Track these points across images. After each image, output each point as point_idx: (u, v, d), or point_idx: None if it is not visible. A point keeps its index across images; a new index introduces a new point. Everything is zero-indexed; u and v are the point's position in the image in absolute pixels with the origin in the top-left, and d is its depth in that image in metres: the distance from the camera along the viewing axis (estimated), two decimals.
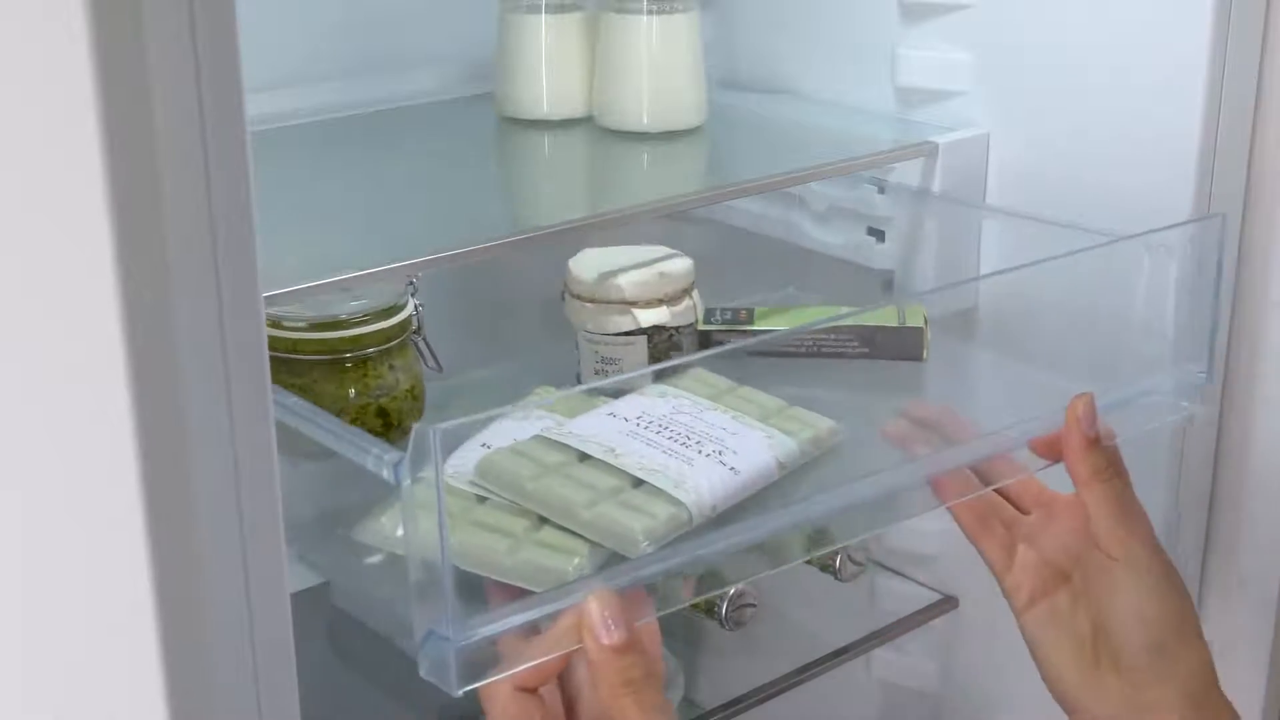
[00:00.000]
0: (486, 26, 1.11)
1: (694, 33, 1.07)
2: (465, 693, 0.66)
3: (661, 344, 0.92)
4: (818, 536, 0.79)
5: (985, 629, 1.13)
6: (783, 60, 1.17)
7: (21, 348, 0.56)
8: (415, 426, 0.62)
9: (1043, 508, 0.84)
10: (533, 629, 0.68)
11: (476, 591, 0.69)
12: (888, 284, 1.09)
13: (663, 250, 0.95)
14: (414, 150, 1.07)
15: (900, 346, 0.94)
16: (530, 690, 0.68)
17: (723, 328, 0.97)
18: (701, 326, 0.95)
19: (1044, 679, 0.81)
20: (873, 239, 1.08)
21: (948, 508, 0.83)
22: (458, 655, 0.64)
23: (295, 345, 0.85)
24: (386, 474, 0.64)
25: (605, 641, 0.65)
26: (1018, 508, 0.85)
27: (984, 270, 1.05)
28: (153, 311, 0.53)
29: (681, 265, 0.93)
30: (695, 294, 0.93)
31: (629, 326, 0.91)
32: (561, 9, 1.08)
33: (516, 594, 0.69)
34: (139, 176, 0.52)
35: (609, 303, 0.91)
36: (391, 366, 0.87)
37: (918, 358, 0.93)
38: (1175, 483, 0.99)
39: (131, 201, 0.52)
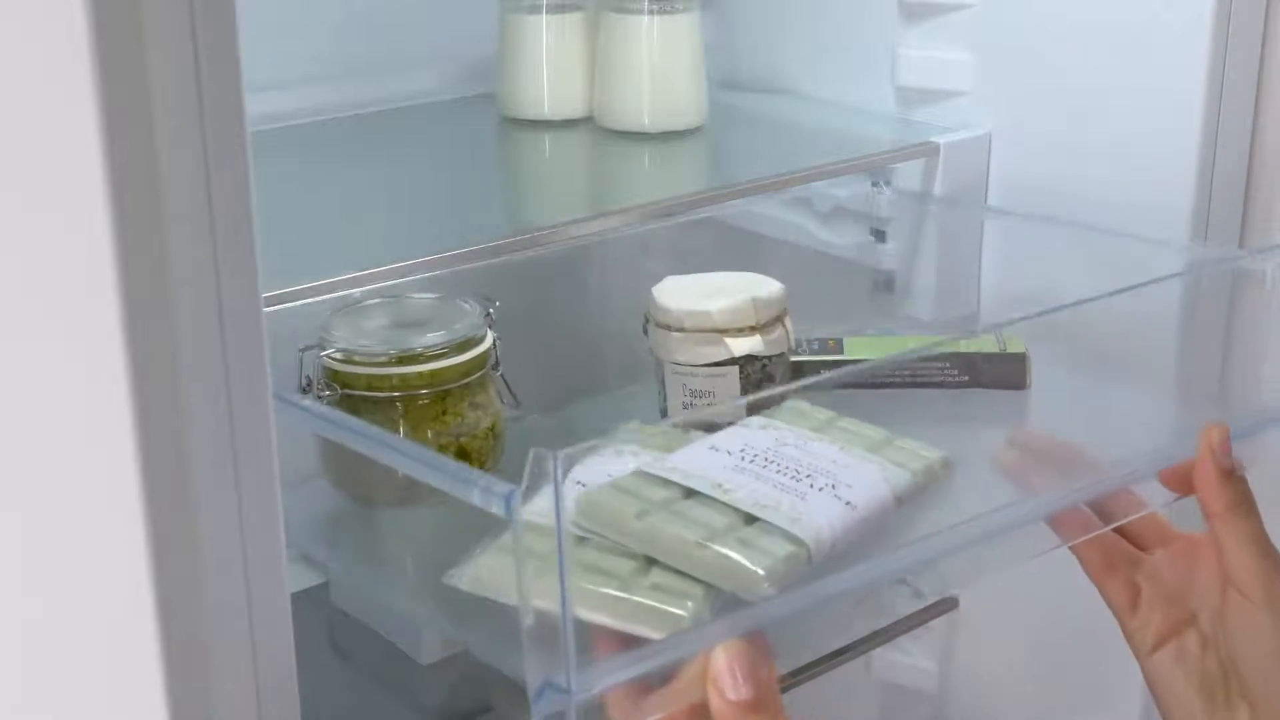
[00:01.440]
0: (486, 26, 1.11)
1: (694, 33, 1.07)
2: (469, 693, 0.64)
3: (754, 375, 0.86)
4: (933, 580, 0.76)
5: (985, 629, 1.13)
6: (783, 60, 1.17)
7: (21, 348, 0.56)
8: (533, 451, 0.57)
9: (1166, 546, 0.79)
10: (645, 686, 0.63)
11: (585, 640, 0.63)
12: (889, 285, 1.09)
13: (752, 276, 0.89)
14: (414, 150, 1.07)
15: (1003, 374, 0.89)
16: None
17: (813, 358, 0.92)
18: (792, 358, 0.90)
19: None
20: (874, 239, 1.08)
21: (1069, 547, 0.78)
22: (578, 709, 0.59)
23: (369, 382, 0.80)
24: (498, 508, 0.58)
25: (732, 697, 0.61)
26: (1139, 546, 0.80)
27: (986, 272, 1.05)
28: (153, 311, 0.53)
29: (774, 291, 0.86)
30: (788, 321, 0.87)
31: (721, 357, 0.85)
32: (562, 9, 1.08)
33: (625, 645, 0.64)
34: (139, 176, 0.52)
35: (699, 331, 0.85)
36: (472, 404, 0.82)
37: (1021, 386, 0.89)
38: None
39: (131, 201, 0.52)
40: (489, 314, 0.84)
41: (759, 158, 1.10)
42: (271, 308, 0.61)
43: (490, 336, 0.83)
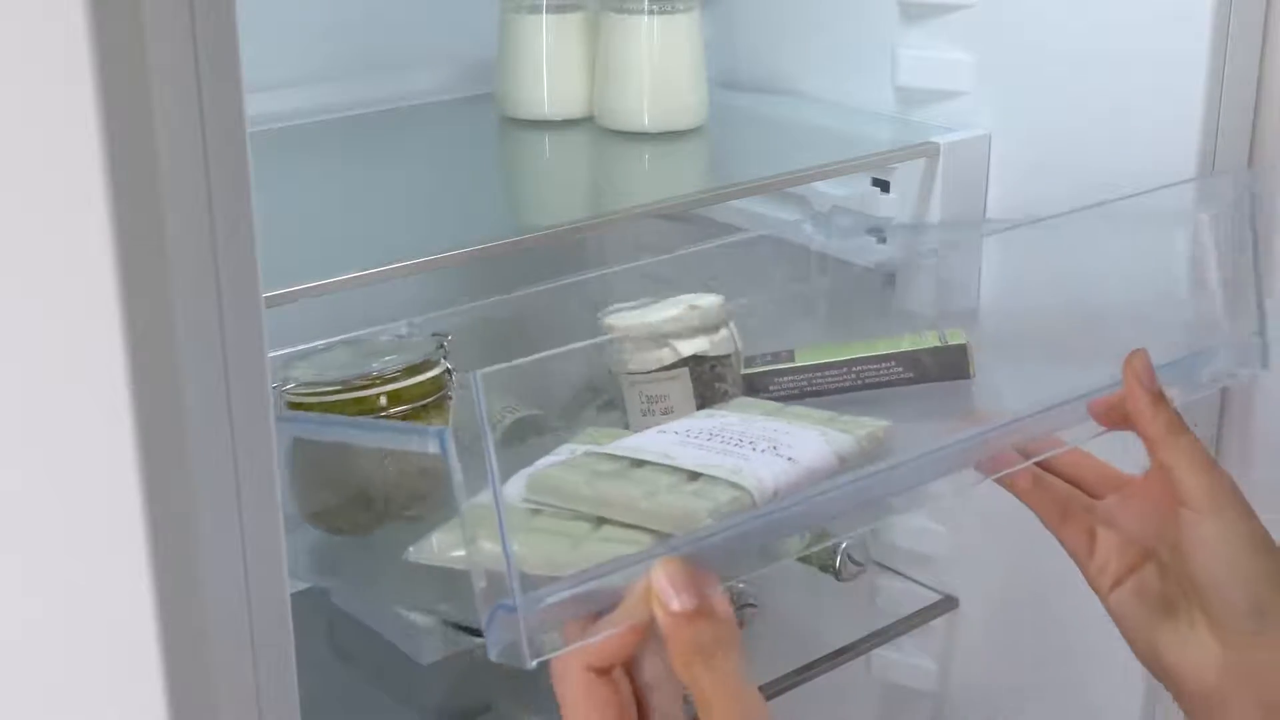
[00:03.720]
0: (486, 26, 1.11)
1: (694, 33, 1.07)
2: (469, 693, 0.64)
3: (704, 375, 0.91)
4: (879, 509, 0.76)
5: (985, 629, 1.13)
6: (783, 60, 1.17)
7: (21, 348, 0.56)
8: (455, 375, 0.62)
9: (1117, 490, 0.81)
10: (596, 616, 0.65)
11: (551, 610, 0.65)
12: (889, 284, 1.09)
13: (693, 295, 0.94)
14: (414, 150, 1.07)
15: (947, 366, 0.93)
16: (604, 672, 0.65)
17: (766, 369, 0.95)
18: (744, 371, 0.94)
19: (1139, 657, 0.78)
20: (873, 238, 1.08)
21: (1025, 502, 0.81)
22: (527, 625, 0.62)
23: (338, 409, 0.84)
24: (433, 447, 0.62)
25: (675, 608, 0.63)
26: (1092, 495, 0.82)
27: (986, 279, 1.05)
28: (153, 311, 0.53)
29: (712, 298, 0.92)
30: (733, 326, 0.92)
31: (670, 359, 0.90)
32: (562, 9, 1.08)
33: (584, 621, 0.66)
34: (139, 176, 0.52)
35: (647, 339, 0.90)
36: (430, 424, 0.86)
37: (966, 375, 0.93)
38: None
39: (131, 201, 0.52)
40: (442, 346, 0.88)
41: (759, 158, 1.10)
42: (272, 308, 0.61)
43: (444, 364, 0.87)
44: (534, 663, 0.62)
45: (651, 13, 1.05)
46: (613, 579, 0.64)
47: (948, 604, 1.15)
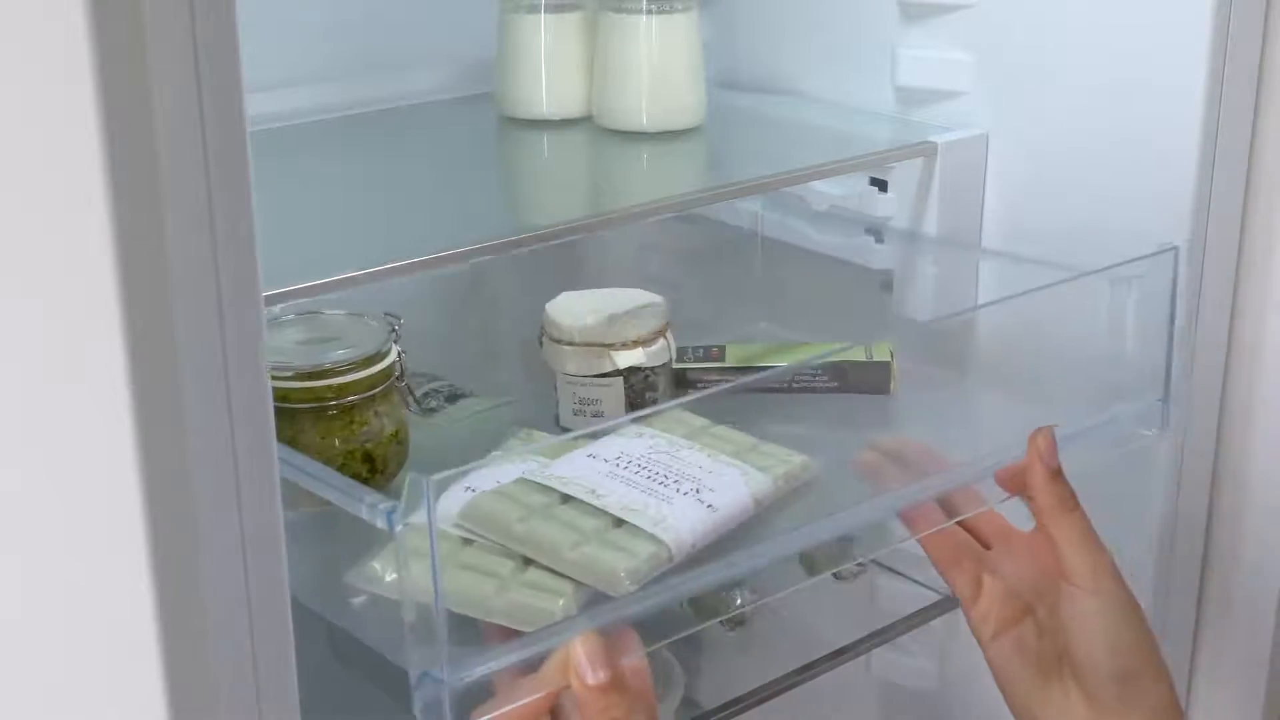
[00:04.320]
0: (486, 26, 1.11)
1: (693, 33, 1.07)
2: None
3: (638, 384, 0.95)
4: (808, 564, 0.83)
5: None
6: (782, 60, 1.17)
7: (21, 348, 0.56)
8: (410, 476, 0.66)
9: (1004, 542, 0.86)
10: (530, 667, 0.71)
11: (467, 632, 0.72)
12: (887, 284, 1.09)
13: (637, 293, 0.99)
14: (414, 150, 1.07)
15: (868, 381, 0.98)
16: None
17: (696, 365, 1.01)
18: (675, 365, 0.99)
19: (1011, 708, 0.83)
20: (871, 239, 1.08)
21: (918, 540, 0.86)
22: (451, 696, 0.68)
23: (283, 394, 0.85)
24: (380, 522, 0.66)
25: (590, 682, 0.68)
26: (982, 543, 0.87)
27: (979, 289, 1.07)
28: (153, 311, 0.53)
29: (655, 309, 0.97)
30: (669, 334, 0.97)
31: (607, 368, 0.94)
32: (561, 9, 1.08)
33: (512, 633, 0.72)
34: (139, 176, 0.52)
35: (587, 345, 0.94)
36: (376, 413, 0.88)
37: (885, 391, 0.98)
38: (1174, 499, 0.99)
39: (131, 201, 0.52)
40: (394, 329, 0.90)
41: (758, 157, 1.10)
42: (272, 307, 0.62)
43: (395, 351, 0.90)
44: None
45: (650, 12, 1.05)
46: (535, 648, 0.71)
47: (948, 604, 1.15)
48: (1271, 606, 1.00)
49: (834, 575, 1.04)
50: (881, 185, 1.07)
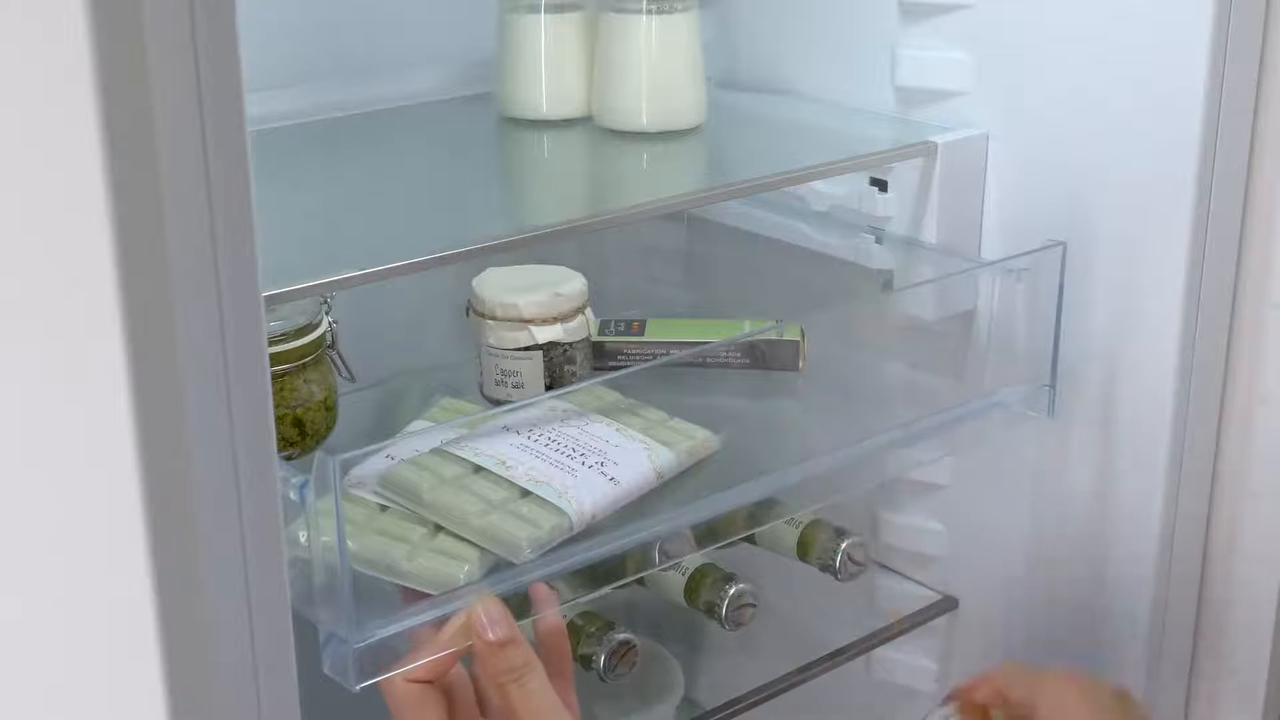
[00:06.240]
0: (486, 26, 1.10)
1: (694, 33, 1.07)
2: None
3: (557, 358, 0.99)
4: (705, 535, 0.89)
5: (985, 629, 1.13)
6: (783, 60, 1.17)
7: (22, 349, 0.56)
8: (317, 454, 0.71)
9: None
10: (434, 629, 0.76)
11: (378, 593, 0.78)
12: (887, 284, 1.09)
13: (560, 270, 1.02)
14: (413, 150, 1.07)
15: (778, 358, 1.03)
16: (425, 681, 0.75)
17: (615, 339, 1.06)
18: (596, 338, 1.03)
19: None
20: (871, 238, 1.08)
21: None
22: (355, 655, 0.73)
23: None
24: (293, 495, 0.71)
25: (489, 638, 0.74)
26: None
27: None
28: (153, 311, 0.53)
29: (575, 286, 1.00)
30: (589, 311, 1.01)
31: (526, 342, 0.98)
32: (561, 9, 1.08)
33: (423, 596, 0.77)
34: (139, 176, 0.52)
35: (509, 320, 0.98)
36: (306, 380, 0.93)
37: (794, 368, 1.03)
38: (1174, 499, 1.00)
39: (131, 201, 0.52)
40: (325, 301, 0.95)
41: (758, 157, 1.10)
42: (271, 307, 0.62)
43: (326, 321, 0.95)
44: (358, 687, 0.74)
45: (650, 12, 1.05)
46: (441, 609, 0.76)
47: (948, 604, 1.15)
48: (1271, 606, 1.00)
49: (834, 576, 1.05)
50: (881, 185, 1.06)
